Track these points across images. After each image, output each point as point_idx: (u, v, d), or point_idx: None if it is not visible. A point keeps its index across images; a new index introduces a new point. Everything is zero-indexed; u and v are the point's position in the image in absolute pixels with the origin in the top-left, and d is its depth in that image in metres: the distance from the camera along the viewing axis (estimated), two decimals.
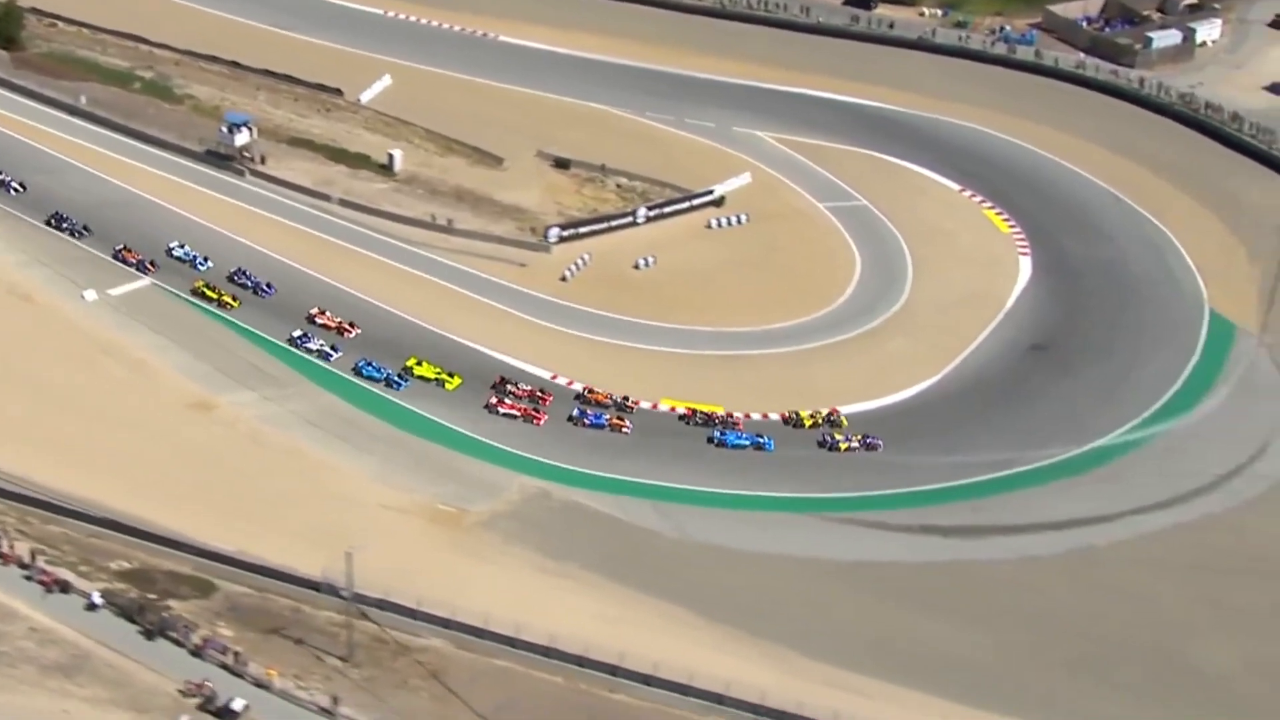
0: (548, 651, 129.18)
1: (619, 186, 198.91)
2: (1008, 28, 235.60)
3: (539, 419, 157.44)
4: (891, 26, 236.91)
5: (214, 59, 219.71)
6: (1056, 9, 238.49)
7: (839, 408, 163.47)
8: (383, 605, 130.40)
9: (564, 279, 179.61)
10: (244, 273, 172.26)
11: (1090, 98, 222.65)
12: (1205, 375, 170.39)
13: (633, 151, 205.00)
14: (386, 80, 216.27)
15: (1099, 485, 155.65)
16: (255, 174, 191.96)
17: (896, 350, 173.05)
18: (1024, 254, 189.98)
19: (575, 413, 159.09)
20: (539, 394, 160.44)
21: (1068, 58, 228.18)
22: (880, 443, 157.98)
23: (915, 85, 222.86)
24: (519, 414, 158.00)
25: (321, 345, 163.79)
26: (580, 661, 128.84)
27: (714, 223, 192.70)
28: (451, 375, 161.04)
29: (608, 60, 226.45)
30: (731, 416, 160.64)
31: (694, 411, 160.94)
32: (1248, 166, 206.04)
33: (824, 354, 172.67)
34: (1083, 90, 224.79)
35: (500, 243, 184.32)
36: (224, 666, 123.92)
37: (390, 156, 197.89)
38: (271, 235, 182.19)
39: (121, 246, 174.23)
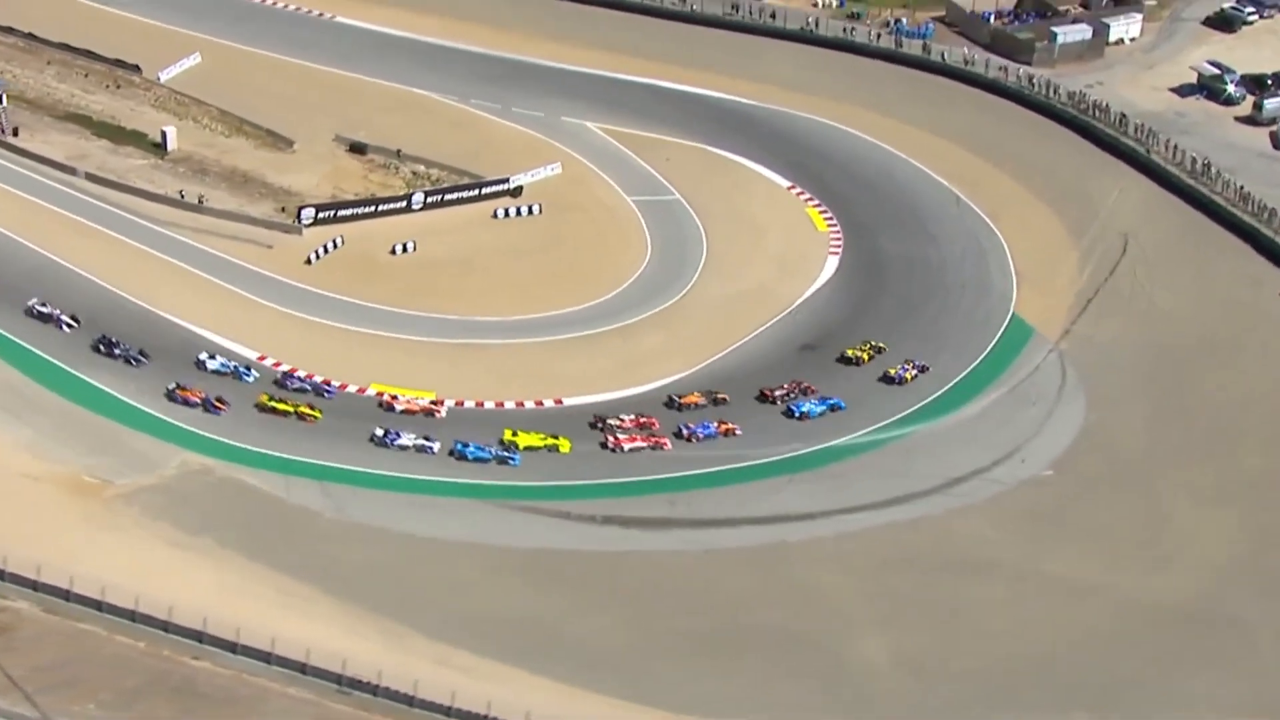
0: (133, 616, 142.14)
1: (413, 174, 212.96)
2: (903, 20, 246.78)
3: (664, 443, 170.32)
4: (774, 16, 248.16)
5: (10, 30, 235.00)
6: (959, 0, 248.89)
7: (563, 398, 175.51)
8: None
9: (309, 262, 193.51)
10: (294, 377, 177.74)
11: (972, 95, 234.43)
12: (980, 379, 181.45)
13: (445, 139, 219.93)
14: (195, 59, 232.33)
15: (820, 483, 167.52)
16: (2, 145, 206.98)
17: (652, 345, 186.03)
18: (834, 253, 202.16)
19: (678, 428, 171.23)
20: (644, 419, 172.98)
21: (958, 53, 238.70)
22: (929, 366, 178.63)
23: (783, 79, 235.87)
24: (645, 444, 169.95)
25: (415, 440, 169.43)
26: (166, 627, 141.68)
27: (499, 212, 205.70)
28: (557, 436, 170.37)
29: (442, 44, 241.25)
30: (803, 385, 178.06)
31: (770, 390, 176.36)
32: (1117, 170, 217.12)
33: (574, 346, 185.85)
34: (966, 87, 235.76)
35: (250, 223, 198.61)
36: None
37: (163, 134, 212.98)
38: (9, 210, 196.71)
39: (175, 385, 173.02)
